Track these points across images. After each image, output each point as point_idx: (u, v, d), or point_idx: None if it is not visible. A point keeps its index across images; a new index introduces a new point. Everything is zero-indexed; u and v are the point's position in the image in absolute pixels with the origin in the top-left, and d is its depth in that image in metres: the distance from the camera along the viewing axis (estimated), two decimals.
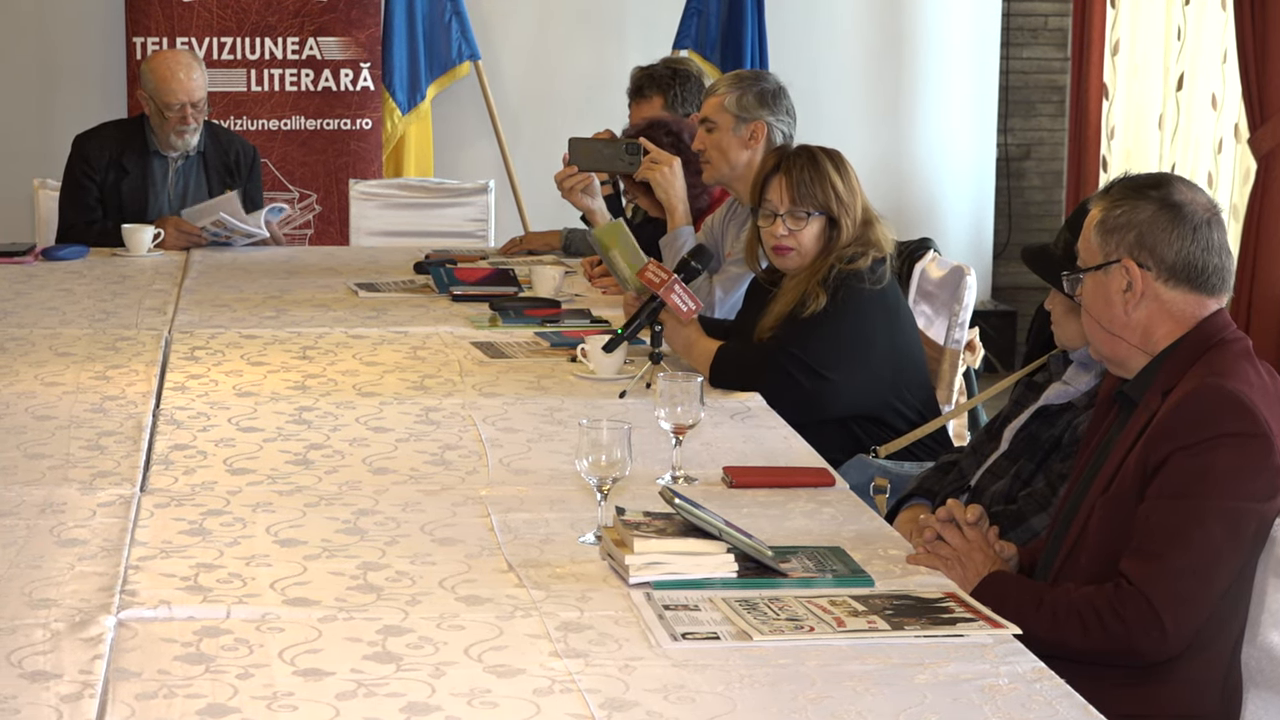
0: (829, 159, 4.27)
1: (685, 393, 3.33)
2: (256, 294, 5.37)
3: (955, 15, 8.62)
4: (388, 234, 6.97)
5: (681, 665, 2.50)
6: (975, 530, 3.10)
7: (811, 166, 4.24)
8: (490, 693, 2.38)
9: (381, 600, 2.73)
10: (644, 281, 4.28)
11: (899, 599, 2.78)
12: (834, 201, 4.22)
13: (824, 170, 4.23)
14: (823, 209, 4.22)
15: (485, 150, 8.23)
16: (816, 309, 4.15)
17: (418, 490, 3.34)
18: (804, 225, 4.23)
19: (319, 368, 4.35)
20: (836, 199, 4.22)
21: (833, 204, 4.22)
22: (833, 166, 4.25)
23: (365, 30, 7.87)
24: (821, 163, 4.25)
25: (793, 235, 4.24)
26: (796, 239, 4.24)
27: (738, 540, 2.87)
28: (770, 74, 5.35)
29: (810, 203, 4.22)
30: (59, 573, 2.81)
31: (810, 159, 4.26)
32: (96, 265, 5.86)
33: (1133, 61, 7.84)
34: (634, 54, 7.21)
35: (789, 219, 4.24)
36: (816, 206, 4.22)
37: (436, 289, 5.43)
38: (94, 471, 3.40)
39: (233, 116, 7.75)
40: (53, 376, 4.21)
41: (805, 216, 4.22)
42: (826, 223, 4.23)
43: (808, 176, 4.23)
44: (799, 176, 4.23)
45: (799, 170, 4.24)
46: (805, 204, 4.22)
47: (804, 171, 4.23)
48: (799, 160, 4.27)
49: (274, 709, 2.32)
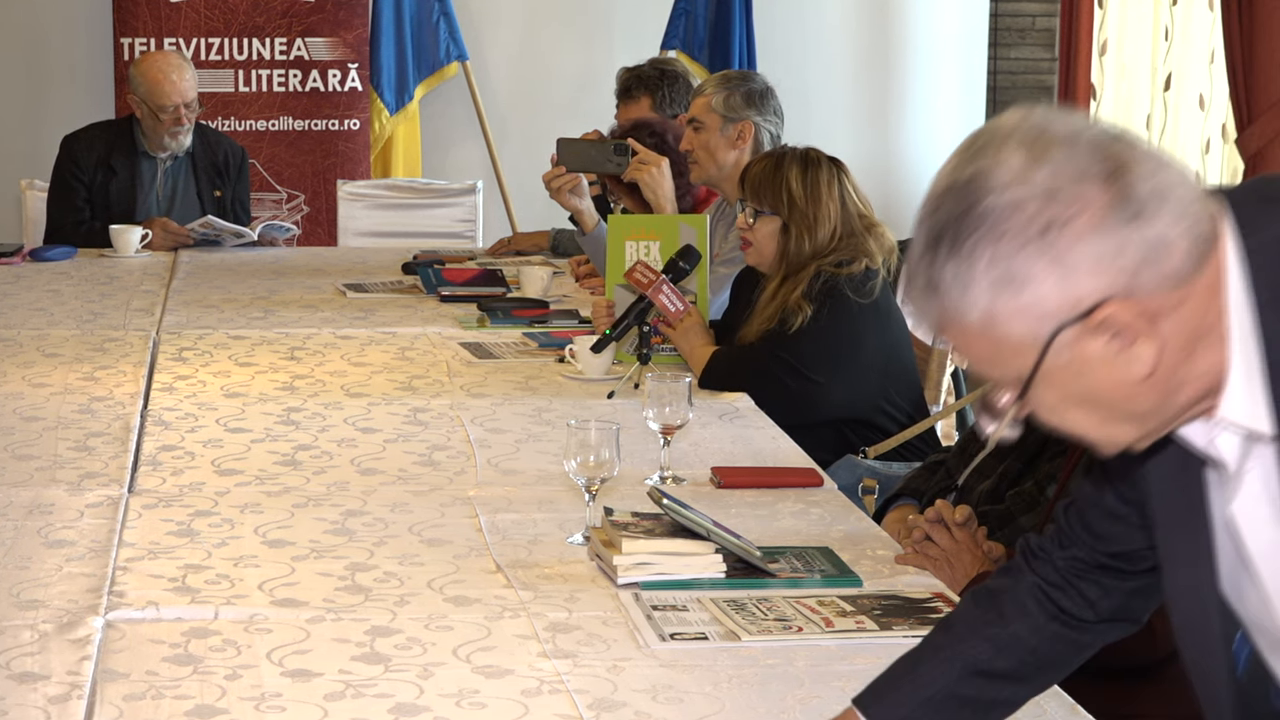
0: (799, 164, 4.25)
1: (673, 393, 3.33)
2: (244, 295, 5.37)
3: (943, 15, 8.63)
4: (376, 234, 6.97)
5: (670, 665, 2.50)
6: (964, 530, 3.11)
7: (773, 167, 4.28)
8: (479, 693, 2.38)
9: (370, 601, 2.73)
10: (632, 282, 4.29)
11: (887, 599, 2.78)
12: (783, 206, 4.24)
13: (782, 173, 4.25)
14: (773, 210, 4.25)
15: (473, 151, 8.23)
16: (803, 322, 4.15)
17: (406, 491, 3.34)
18: (752, 222, 4.28)
19: (307, 368, 4.35)
20: (788, 204, 4.23)
21: (782, 209, 4.24)
22: (799, 172, 4.24)
23: (353, 31, 7.86)
24: (785, 167, 4.26)
25: (750, 230, 4.29)
26: (752, 233, 4.30)
27: (726, 540, 2.87)
28: (758, 74, 5.36)
29: (759, 201, 4.28)
30: (47, 574, 2.81)
31: (778, 161, 4.28)
32: (84, 266, 5.85)
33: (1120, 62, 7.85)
34: (622, 54, 7.21)
35: (746, 213, 4.31)
36: (768, 207, 4.25)
37: (424, 289, 5.43)
38: (82, 472, 3.39)
39: (220, 117, 7.74)
40: (40, 377, 4.21)
41: (756, 214, 4.27)
42: (781, 227, 4.25)
43: (765, 176, 4.28)
44: (759, 173, 4.29)
45: (759, 167, 4.32)
46: (755, 201, 4.29)
47: (764, 170, 4.29)
48: (769, 159, 4.34)
49: (262, 710, 2.31)
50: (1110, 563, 2.07)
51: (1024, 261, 1.63)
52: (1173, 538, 1.90)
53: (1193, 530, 1.86)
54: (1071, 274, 1.62)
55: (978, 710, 2.12)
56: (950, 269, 1.66)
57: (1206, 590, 1.88)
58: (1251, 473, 1.77)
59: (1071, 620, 2.11)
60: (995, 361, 1.72)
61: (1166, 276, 1.64)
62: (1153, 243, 1.63)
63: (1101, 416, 1.72)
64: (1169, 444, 1.80)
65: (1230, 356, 1.69)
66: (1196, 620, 1.91)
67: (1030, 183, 1.64)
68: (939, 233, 1.67)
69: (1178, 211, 1.64)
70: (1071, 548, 2.09)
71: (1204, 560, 1.86)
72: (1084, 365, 1.67)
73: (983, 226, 1.64)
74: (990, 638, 2.11)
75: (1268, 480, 1.76)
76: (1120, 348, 1.65)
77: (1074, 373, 1.68)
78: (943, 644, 2.13)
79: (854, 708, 2.13)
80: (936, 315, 1.71)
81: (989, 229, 1.64)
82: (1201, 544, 1.86)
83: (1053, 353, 1.66)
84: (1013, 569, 2.15)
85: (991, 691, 2.11)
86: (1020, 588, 2.12)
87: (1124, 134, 1.68)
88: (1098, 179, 1.63)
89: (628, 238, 4.61)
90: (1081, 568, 2.09)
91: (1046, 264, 1.63)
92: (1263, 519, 1.79)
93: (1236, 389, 1.70)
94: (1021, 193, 1.64)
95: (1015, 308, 1.64)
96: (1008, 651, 2.10)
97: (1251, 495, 1.78)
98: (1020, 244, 1.63)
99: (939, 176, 1.71)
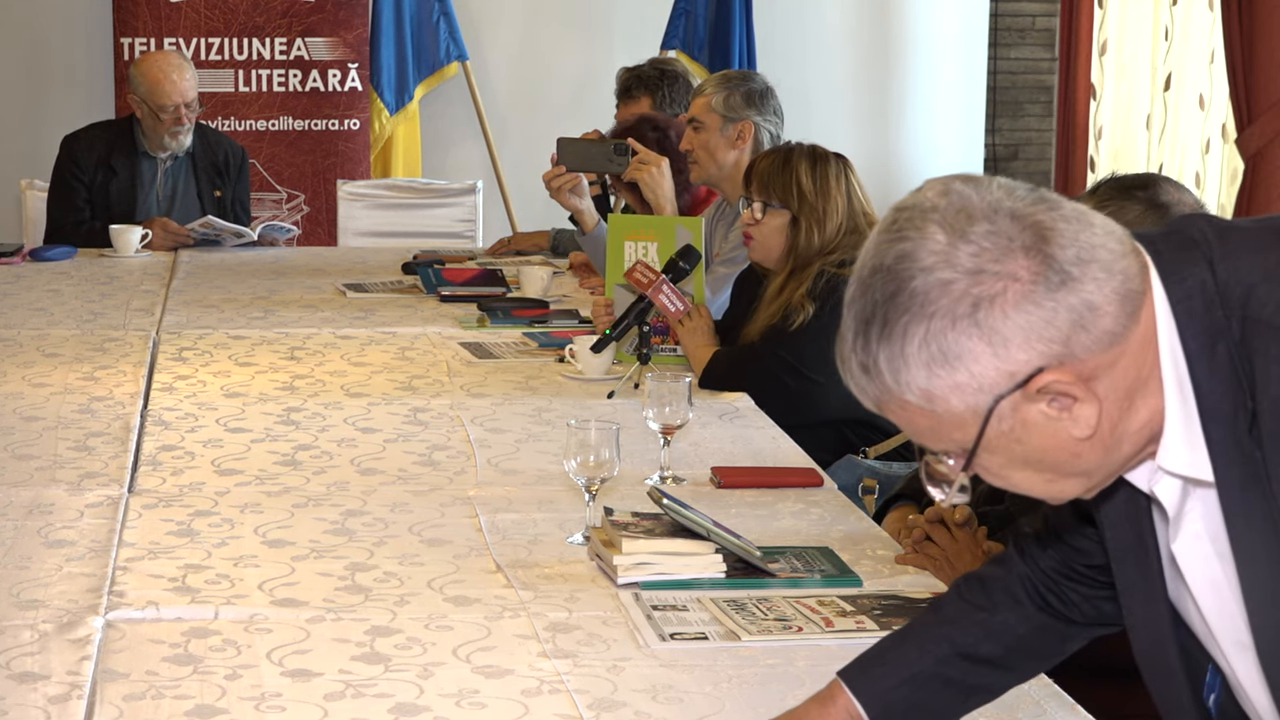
0: (808, 159, 4.28)
1: (673, 393, 3.33)
2: (244, 295, 5.37)
3: (943, 15, 8.63)
4: (376, 234, 6.97)
5: (670, 665, 2.50)
6: (964, 531, 3.11)
7: (783, 161, 4.29)
8: (479, 693, 2.38)
9: (370, 601, 2.73)
10: (632, 282, 4.29)
11: (887, 599, 2.78)
12: (793, 199, 4.25)
13: (792, 167, 4.27)
14: (782, 204, 4.25)
15: (473, 151, 8.23)
16: (805, 320, 4.15)
17: (406, 491, 3.34)
18: (760, 216, 4.27)
19: (307, 368, 4.35)
20: (799, 197, 4.24)
21: (792, 202, 4.25)
22: (808, 166, 4.27)
23: (353, 31, 7.86)
24: (794, 160, 4.28)
25: (757, 224, 4.28)
26: (758, 228, 4.28)
27: (726, 540, 2.87)
28: (758, 74, 5.36)
29: (768, 194, 4.27)
30: (47, 574, 2.81)
31: (785, 155, 4.30)
32: (84, 266, 5.85)
33: (1120, 61, 7.85)
34: (622, 54, 7.21)
35: (755, 208, 4.29)
36: (776, 200, 4.25)
37: (424, 289, 5.43)
38: (82, 472, 3.39)
39: (220, 117, 7.74)
40: (40, 377, 4.21)
41: (764, 208, 4.26)
42: (790, 221, 4.26)
43: (774, 169, 4.29)
44: (767, 167, 4.30)
45: (767, 161, 4.33)
46: (763, 195, 4.28)
47: (773, 163, 4.30)
48: (777, 153, 4.34)
49: (262, 710, 2.31)
50: (1087, 573, 2.09)
51: (956, 339, 1.65)
52: (1125, 570, 1.93)
53: (1144, 565, 1.89)
54: (1004, 347, 1.64)
55: (959, 693, 2.13)
56: (884, 352, 1.69)
57: (1161, 623, 1.91)
58: (1192, 513, 1.80)
59: (1059, 615, 2.12)
60: (938, 434, 1.73)
61: (1098, 339, 1.65)
62: (1080, 308, 1.64)
63: (1047, 476, 1.75)
64: (1120, 483, 1.82)
65: (1166, 408, 1.71)
66: (1154, 650, 1.94)
67: (954, 262, 1.65)
68: (868, 316, 1.70)
69: (1104, 273, 1.65)
70: (1052, 551, 2.11)
71: (1156, 594, 1.89)
72: (1025, 431, 1.69)
73: (913, 307, 1.66)
74: (979, 623, 2.13)
75: (1208, 519, 1.79)
76: (1059, 411, 1.67)
77: (1016, 438, 1.70)
78: (931, 624, 2.16)
79: (839, 680, 2.14)
80: (875, 395, 1.73)
81: (918, 309, 1.66)
82: (1153, 578, 1.89)
83: (993, 422, 1.68)
84: (1005, 559, 2.17)
85: (975, 676, 2.13)
86: (1011, 577, 2.14)
87: (1043, 198, 1.69)
88: (1020, 252, 1.64)
89: (627, 237, 4.61)
90: (1064, 571, 2.11)
91: (979, 340, 1.64)
92: (1203, 557, 1.81)
93: (1174, 440, 1.72)
94: (947, 273, 1.65)
95: (952, 384, 1.66)
96: (995, 637, 2.12)
97: (1192, 534, 1.81)
98: (950, 322, 1.64)
99: (863, 258, 1.74)
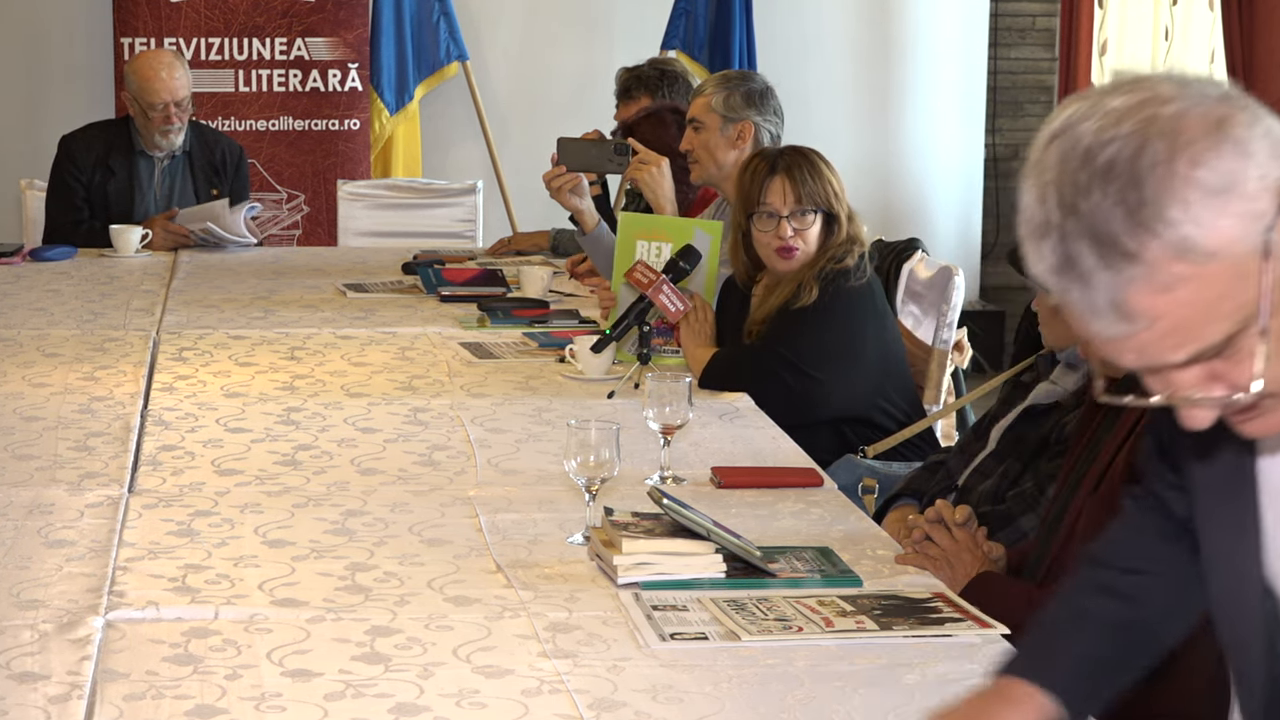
0: (819, 157, 4.31)
1: (673, 393, 3.33)
2: (244, 295, 5.37)
3: (943, 15, 8.63)
4: (376, 234, 6.97)
5: (670, 665, 2.50)
6: (964, 531, 3.11)
7: (809, 165, 4.28)
8: (479, 693, 2.38)
9: (370, 601, 2.73)
10: (632, 281, 4.29)
11: (887, 599, 2.78)
12: (833, 198, 4.26)
13: (820, 168, 4.29)
14: (824, 206, 4.25)
15: (473, 151, 8.23)
16: (808, 301, 4.17)
17: (406, 491, 3.33)
18: (809, 225, 4.25)
19: (307, 368, 4.35)
20: (835, 196, 4.27)
21: (832, 201, 4.26)
22: (824, 164, 4.30)
23: (353, 31, 7.87)
24: (816, 161, 4.30)
25: (799, 235, 4.26)
26: (802, 238, 4.26)
27: (726, 540, 2.87)
28: (758, 74, 5.35)
29: (812, 201, 4.25)
30: (47, 574, 2.81)
31: (805, 158, 4.30)
32: (84, 266, 5.85)
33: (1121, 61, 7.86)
34: (622, 54, 7.21)
35: (794, 219, 4.25)
36: (819, 204, 4.25)
37: (425, 289, 5.43)
38: (82, 472, 3.39)
39: (220, 117, 7.75)
40: (40, 377, 4.21)
41: (809, 215, 4.25)
42: (825, 220, 4.26)
43: (809, 175, 4.27)
44: (800, 176, 4.27)
45: (799, 170, 4.28)
46: (808, 202, 4.25)
47: (804, 170, 4.28)
48: (796, 160, 4.30)
49: (262, 710, 2.31)
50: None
51: (1220, 160, 1.55)
52: (1215, 509, 1.87)
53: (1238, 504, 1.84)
54: (1258, 162, 1.55)
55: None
56: (1149, 210, 1.54)
57: (1250, 566, 1.85)
58: None
59: None
60: (1211, 309, 1.56)
61: None
62: None
63: None
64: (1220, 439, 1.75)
65: None
66: (1235, 596, 1.89)
67: (1184, 95, 1.57)
68: (1122, 183, 1.55)
69: None
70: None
71: (1250, 534, 1.84)
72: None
73: (1164, 138, 1.55)
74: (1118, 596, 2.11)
75: None
76: None
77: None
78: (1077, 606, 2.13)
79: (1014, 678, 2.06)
80: (1125, 286, 1.56)
81: (1171, 140, 1.55)
82: (1248, 518, 1.83)
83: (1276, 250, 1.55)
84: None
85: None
86: None
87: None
88: (1229, 99, 1.59)
89: (639, 236, 4.62)
90: None
91: (1239, 158, 1.55)
92: None
93: None
94: (1184, 103, 1.57)
95: (1235, 214, 1.54)
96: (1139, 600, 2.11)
97: None
98: (1211, 144, 1.55)
99: (1065, 140, 1.59)
